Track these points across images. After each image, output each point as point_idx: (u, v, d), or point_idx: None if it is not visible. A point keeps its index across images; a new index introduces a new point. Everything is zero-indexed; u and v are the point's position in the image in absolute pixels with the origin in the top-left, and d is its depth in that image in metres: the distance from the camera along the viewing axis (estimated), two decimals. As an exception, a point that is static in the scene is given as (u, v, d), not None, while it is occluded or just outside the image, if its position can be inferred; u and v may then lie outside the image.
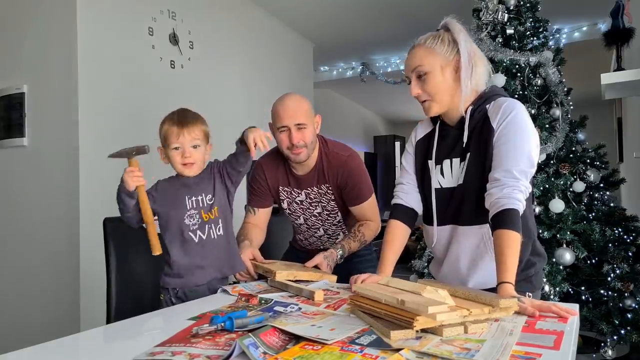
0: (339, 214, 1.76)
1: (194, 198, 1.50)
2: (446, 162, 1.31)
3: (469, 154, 1.26)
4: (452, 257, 1.33)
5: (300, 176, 1.74)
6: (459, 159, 1.29)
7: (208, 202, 1.51)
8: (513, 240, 1.11)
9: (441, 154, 1.33)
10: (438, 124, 1.36)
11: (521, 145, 1.17)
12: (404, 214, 1.40)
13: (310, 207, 1.76)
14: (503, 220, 1.13)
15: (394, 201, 1.43)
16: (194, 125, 1.48)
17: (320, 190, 1.73)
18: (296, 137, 1.62)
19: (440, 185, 1.33)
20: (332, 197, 1.73)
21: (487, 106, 1.26)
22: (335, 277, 1.50)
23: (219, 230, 1.51)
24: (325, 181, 1.71)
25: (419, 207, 1.41)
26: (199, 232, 1.48)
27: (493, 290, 1.16)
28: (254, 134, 1.41)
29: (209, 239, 1.50)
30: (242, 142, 1.46)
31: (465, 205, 1.27)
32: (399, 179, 1.45)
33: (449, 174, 1.31)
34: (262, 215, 1.81)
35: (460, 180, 1.28)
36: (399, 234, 1.39)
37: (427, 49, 1.24)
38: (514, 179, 1.15)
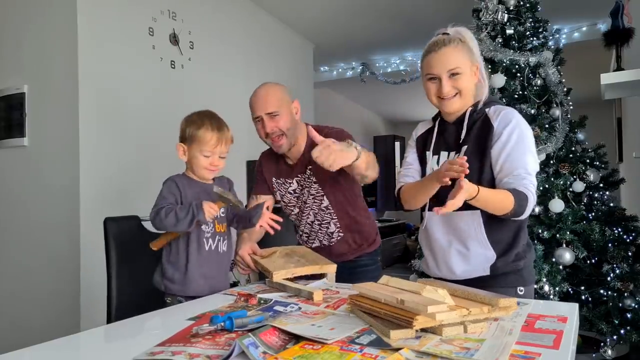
0: (325, 198, 1.71)
1: None
2: (443, 154, 1.41)
3: (465, 147, 1.35)
4: (445, 242, 1.38)
5: (293, 165, 1.74)
6: (454, 152, 1.38)
7: (221, 214, 1.51)
8: (506, 197, 1.21)
9: (439, 146, 1.43)
10: (438, 121, 1.46)
11: (530, 149, 1.31)
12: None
13: (302, 195, 1.75)
14: (513, 190, 1.23)
15: (398, 186, 1.48)
16: (228, 138, 1.49)
17: (305, 175, 1.71)
18: (269, 125, 1.61)
19: None
20: (314, 180, 1.69)
21: (487, 110, 1.37)
22: (334, 266, 1.48)
23: (224, 246, 1.52)
24: (309, 163, 1.64)
25: None
26: (210, 241, 1.48)
27: (481, 279, 1.30)
28: (261, 220, 1.49)
29: (216, 251, 1.50)
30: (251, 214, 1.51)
31: None
32: (401, 170, 1.52)
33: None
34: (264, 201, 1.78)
35: None
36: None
37: (461, 52, 1.34)
38: (528, 174, 1.27)
